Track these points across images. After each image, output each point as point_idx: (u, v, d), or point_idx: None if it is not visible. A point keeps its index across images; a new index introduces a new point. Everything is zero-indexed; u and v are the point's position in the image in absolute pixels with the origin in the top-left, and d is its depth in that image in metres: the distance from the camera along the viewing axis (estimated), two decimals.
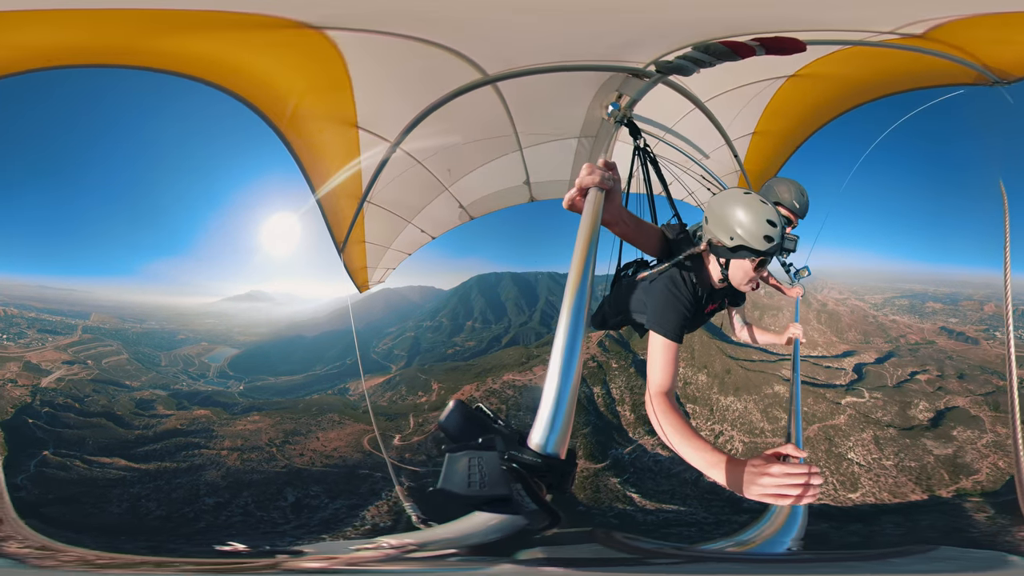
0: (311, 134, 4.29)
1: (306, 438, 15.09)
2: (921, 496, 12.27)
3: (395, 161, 4.60)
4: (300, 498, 12.88)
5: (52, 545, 5.31)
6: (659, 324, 2.24)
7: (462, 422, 1.06)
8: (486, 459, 0.99)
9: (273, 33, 3.25)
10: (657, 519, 12.16)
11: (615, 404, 15.82)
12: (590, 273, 1.39)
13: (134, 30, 3.19)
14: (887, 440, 14.12)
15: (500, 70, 3.78)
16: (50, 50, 3.29)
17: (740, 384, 16.07)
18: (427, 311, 22.74)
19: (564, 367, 1.13)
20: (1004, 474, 12.59)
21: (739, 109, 5.12)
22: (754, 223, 2.19)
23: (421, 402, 17.48)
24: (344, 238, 5.26)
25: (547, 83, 4.01)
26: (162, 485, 13.01)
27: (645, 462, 13.90)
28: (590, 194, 1.69)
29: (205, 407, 16.69)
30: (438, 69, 3.70)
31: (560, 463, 1.01)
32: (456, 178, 5.46)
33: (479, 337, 20.69)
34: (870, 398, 15.58)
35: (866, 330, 18.55)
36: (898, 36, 3.56)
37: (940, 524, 10.76)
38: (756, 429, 15.17)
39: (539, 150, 5.19)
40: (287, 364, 20.47)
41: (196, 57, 3.51)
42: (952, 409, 14.91)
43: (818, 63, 4.36)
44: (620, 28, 3.52)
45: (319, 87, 3.90)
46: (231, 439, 14.85)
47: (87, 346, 18.88)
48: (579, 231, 1.53)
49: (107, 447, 14.17)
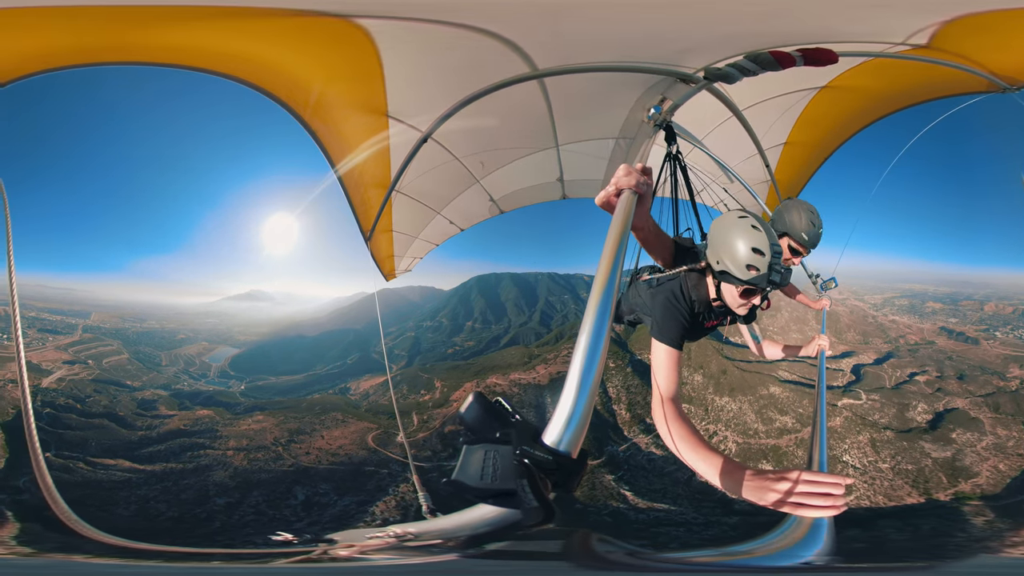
0: (337, 122, 4.23)
1: (311, 437, 15.22)
2: (918, 499, 12.17)
3: (426, 151, 4.55)
4: (310, 496, 13.07)
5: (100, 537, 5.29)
6: (660, 333, 2.31)
7: (481, 415, 1.06)
8: (501, 453, 1.00)
9: (302, 22, 3.24)
10: (648, 518, 12.32)
11: (612, 403, 15.97)
12: (617, 274, 1.37)
13: (139, 24, 3.16)
14: (884, 443, 14.04)
15: (553, 65, 3.74)
16: (49, 51, 3.25)
17: (735, 385, 16.17)
18: (427, 311, 22.85)
19: (586, 366, 1.12)
20: (1005, 477, 12.46)
21: (773, 120, 5.16)
22: (740, 251, 2.17)
23: (424, 400, 17.57)
24: (372, 226, 5.23)
25: (594, 81, 3.99)
26: (170, 486, 13.01)
27: (639, 460, 14.10)
28: (623, 196, 1.69)
29: (207, 407, 16.77)
30: (483, 60, 3.64)
31: (571, 462, 1.01)
32: (489, 171, 5.41)
33: (479, 337, 20.77)
34: (867, 400, 15.51)
35: (865, 330, 18.50)
36: (908, 47, 3.61)
37: (943, 529, 10.64)
38: (750, 430, 15.24)
39: (575, 148, 5.13)
40: (288, 364, 20.53)
41: (209, 50, 3.48)
42: (951, 411, 14.77)
43: (845, 76, 4.42)
44: (677, 33, 3.54)
45: (346, 75, 3.82)
46: (236, 439, 14.93)
47: (87, 345, 18.86)
48: (609, 232, 1.53)
49: (110, 448, 14.18)
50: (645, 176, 1.76)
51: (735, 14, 3.37)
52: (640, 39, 3.60)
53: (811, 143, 5.63)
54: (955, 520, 10.87)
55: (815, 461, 3.85)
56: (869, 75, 4.31)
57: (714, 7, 3.35)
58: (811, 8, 3.32)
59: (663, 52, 3.67)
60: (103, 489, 12.70)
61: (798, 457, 14.23)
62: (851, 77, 4.41)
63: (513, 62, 3.65)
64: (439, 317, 22.11)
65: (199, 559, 5.36)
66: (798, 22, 3.40)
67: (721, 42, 3.54)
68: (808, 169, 6.05)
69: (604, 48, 3.64)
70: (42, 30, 3.13)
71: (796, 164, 5.89)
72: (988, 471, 12.67)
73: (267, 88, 3.84)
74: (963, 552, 8.79)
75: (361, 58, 3.53)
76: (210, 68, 3.59)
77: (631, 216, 1.64)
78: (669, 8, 3.34)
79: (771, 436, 14.95)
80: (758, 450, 14.81)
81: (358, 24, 3.26)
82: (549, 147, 5.15)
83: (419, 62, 3.70)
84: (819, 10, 3.34)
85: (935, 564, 7.88)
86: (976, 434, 13.78)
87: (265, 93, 3.84)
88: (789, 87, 4.70)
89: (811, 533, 4.42)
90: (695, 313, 2.44)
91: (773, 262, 2.17)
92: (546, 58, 3.67)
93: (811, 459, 3.88)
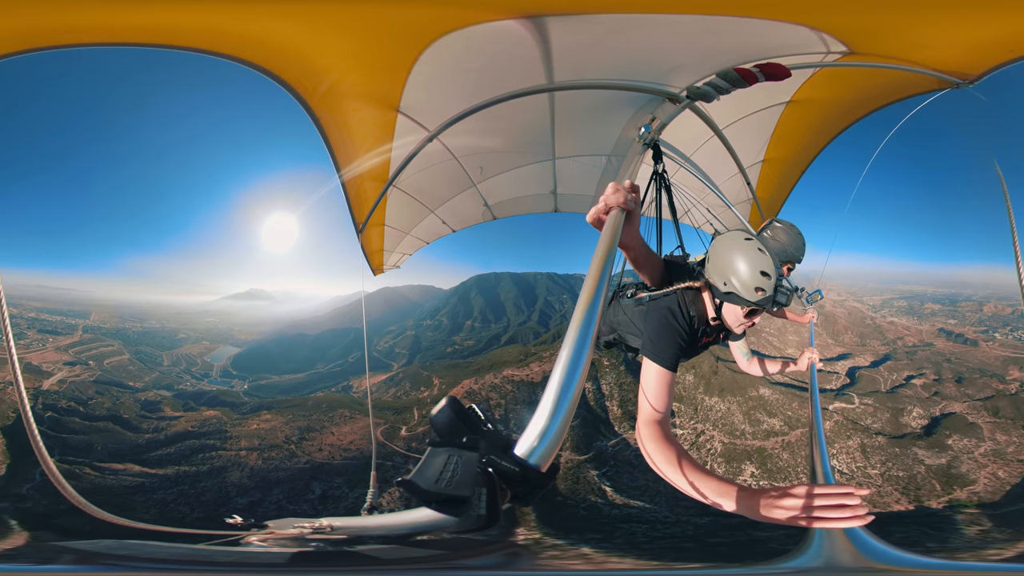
0: (344, 113, 4.17)
1: (321, 433, 15.34)
2: (907, 507, 12.00)
3: (427, 150, 4.55)
4: (326, 490, 13.33)
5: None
6: (654, 352, 2.21)
7: (452, 419, 1.04)
8: (464, 459, 0.99)
9: (348, 6, 3.19)
10: (621, 513, 12.45)
11: (604, 399, 16.10)
12: (603, 292, 1.35)
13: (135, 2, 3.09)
14: (875, 448, 13.89)
15: (569, 78, 3.77)
16: (54, 28, 3.17)
17: (725, 385, 16.15)
18: (427, 310, 22.92)
19: (565, 381, 1.09)
20: (1005, 484, 12.16)
21: (750, 138, 5.20)
22: (748, 274, 2.20)
23: (424, 397, 17.72)
24: (364, 219, 5.22)
25: (597, 98, 4.06)
26: (186, 489, 13.02)
27: (627, 456, 14.18)
28: (611, 214, 1.67)
29: (213, 407, 16.80)
30: (506, 66, 3.65)
31: (538, 476, 0.99)
32: (486, 177, 5.45)
33: (478, 336, 20.85)
34: (860, 404, 15.37)
35: (863, 332, 18.38)
36: (839, 54, 3.66)
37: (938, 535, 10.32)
38: (737, 431, 15.21)
39: (570, 162, 5.22)
40: (289, 362, 20.61)
41: (220, 31, 3.41)
42: (948, 416, 14.58)
43: (804, 89, 4.48)
44: (671, 53, 3.60)
45: (368, 66, 3.76)
46: (247, 439, 14.99)
47: (88, 346, 18.76)
48: (596, 249, 1.52)
49: (117, 452, 14.11)
50: (633, 193, 1.75)
51: (698, 33, 3.44)
52: (639, 58, 3.64)
53: (787, 158, 5.69)
54: (942, 528, 10.75)
55: (819, 474, 3.85)
56: (825, 87, 4.38)
57: (683, 26, 3.37)
58: (742, 25, 3.37)
59: (654, 72, 3.73)
60: (115, 494, 12.62)
61: (783, 460, 14.20)
62: (809, 90, 4.46)
63: (533, 73, 3.66)
64: (439, 316, 22.19)
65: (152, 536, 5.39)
66: (741, 37, 3.47)
67: (696, 61, 3.60)
68: (787, 184, 6.09)
69: (617, 66, 3.68)
70: (39, 5, 3.05)
71: (776, 180, 5.95)
72: (986, 478, 12.45)
73: (278, 73, 3.77)
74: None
75: (397, 51, 3.49)
76: (218, 50, 3.52)
77: (618, 234, 1.62)
78: (657, 26, 3.37)
79: (757, 438, 14.95)
80: (743, 451, 14.88)
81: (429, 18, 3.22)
82: (547, 159, 5.18)
83: (451, 62, 3.66)
84: (747, 26, 3.39)
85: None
86: (974, 440, 13.61)
87: (274, 77, 3.78)
88: (761, 103, 4.77)
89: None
90: (693, 330, 2.39)
91: (778, 283, 2.23)
92: (566, 71, 3.68)
93: (814, 472, 3.88)
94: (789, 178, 6.01)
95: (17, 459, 12.25)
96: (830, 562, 4.52)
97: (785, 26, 3.40)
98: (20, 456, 12.28)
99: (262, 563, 3.49)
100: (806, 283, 4.91)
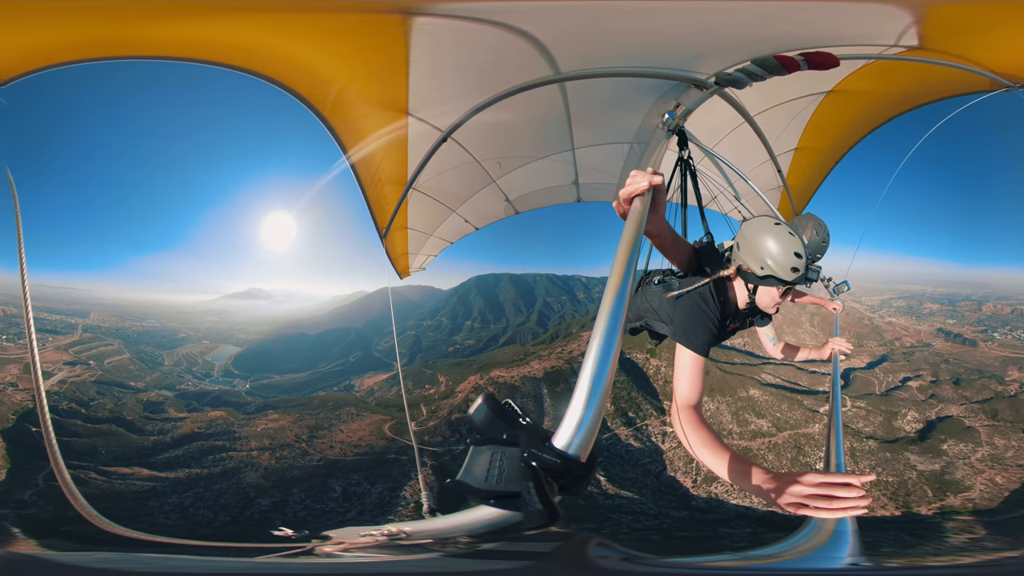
0: (356, 119, 4.22)
1: (330, 431, 15.37)
2: (892, 512, 11.69)
3: (443, 150, 4.57)
4: (346, 487, 13.30)
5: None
6: (688, 338, 2.31)
7: (490, 416, 1.05)
8: (508, 455, 1.00)
9: (335, 17, 3.22)
10: (612, 504, 12.61)
11: None
12: (630, 280, 1.36)
13: (146, 17, 3.12)
14: (865, 453, 13.67)
15: (575, 68, 3.75)
16: (52, 46, 3.18)
17: (716, 385, 16.13)
18: (427, 310, 22.89)
19: (598, 370, 1.11)
20: (1002, 491, 11.81)
21: (783, 126, 5.17)
22: (783, 255, 2.33)
23: (430, 393, 17.78)
24: (387, 224, 5.25)
25: (612, 86, 4.04)
26: (202, 492, 12.81)
27: (618, 449, 14.26)
28: (636, 202, 1.67)
29: (217, 408, 16.79)
30: (507, 61, 3.64)
31: (579, 465, 1.01)
32: (505, 172, 5.45)
33: (478, 336, 20.92)
34: (852, 407, 15.15)
35: (860, 332, 18.18)
36: (903, 48, 3.65)
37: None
38: (724, 430, 15.17)
39: (591, 151, 5.18)
40: (291, 362, 20.62)
41: (229, 44, 3.42)
42: (944, 419, 14.33)
43: (849, 79, 4.41)
44: (689, 39, 3.57)
45: (370, 72, 3.81)
46: (256, 439, 14.94)
47: (88, 346, 18.65)
48: (622, 238, 1.52)
49: (123, 456, 13.98)
50: (659, 179, 1.75)
51: (738, 20, 3.39)
52: (657, 45, 3.62)
53: (821, 148, 5.66)
54: (923, 535, 10.56)
55: (832, 464, 3.80)
56: (873, 78, 4.35)
57: (719, 13, 3.33)
58: (805, 12, 3.36)
59: (678, 58, 3.70)
60: (126, 500, 12.45)
61: (767, 462, 14.21)
62: (855, 81, 4.42)
63: (537, 65, 3.64)
64: (439, 316, 22.23)
65: (199, 552, 5.38)
66: (796, 25, 3.44)
67: (730, 48, 3.57)
68: (819, 174, 6.10)
69: (625, 53, 3.65)
70: (46, 23, 3.06)
71: (807, 170, 5.94)
72: (983, 484, 12.18)
73: (287, 83, 3.79)
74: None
75: (389, 54, 3.50)
76: (228, 63, 3.55)
77: (644, 221, 1.63)
78: (679, 14, 3.35)
79: (744, 438, 14.98)
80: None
81: (397, 18, 3.22)
82: (566, 150, 5.17)
83: (446, 60, 3.67)
84: (812, 14, 3.37)
85: None
86: (970, 445, 13.35)
87: (285, 88, 3.81)
88: (797, 92, 4.74)
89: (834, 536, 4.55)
90: (724, 315, 2.50)
91: (808, 262, 2.40)
92: (570, 62, 3.66)
93: (828, 463, 3.87)
94: (822, 168, 6.04)
95: (17, 464, 12.05)
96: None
97: (852, 15, 3.35)
98: (21, 460, 12.09)
99: (354, 573, 3.45)
100: (832, 275, 5.01)
